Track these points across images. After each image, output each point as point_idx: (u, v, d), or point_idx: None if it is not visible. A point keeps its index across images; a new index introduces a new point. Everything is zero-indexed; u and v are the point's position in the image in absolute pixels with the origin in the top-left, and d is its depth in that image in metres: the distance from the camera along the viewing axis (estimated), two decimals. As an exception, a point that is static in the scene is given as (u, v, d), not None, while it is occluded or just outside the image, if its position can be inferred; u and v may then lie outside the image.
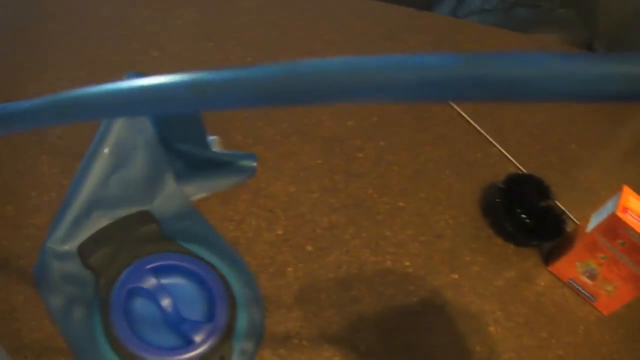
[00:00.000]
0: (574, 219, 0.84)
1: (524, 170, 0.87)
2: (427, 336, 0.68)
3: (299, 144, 0.81)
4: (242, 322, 0.64)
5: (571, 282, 0.77)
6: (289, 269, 0.69)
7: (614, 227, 0.69)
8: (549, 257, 0.79)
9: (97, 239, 0.67)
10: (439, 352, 0.67)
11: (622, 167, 0.97)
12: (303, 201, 0.75)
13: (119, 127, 0.68)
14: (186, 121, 0.72)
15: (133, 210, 0.70)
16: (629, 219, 0.69)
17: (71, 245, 0.66)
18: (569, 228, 0.80)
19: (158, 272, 0.65)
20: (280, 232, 0.72)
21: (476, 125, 0.91)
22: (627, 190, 0.72)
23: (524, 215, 0.78)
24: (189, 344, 0.60)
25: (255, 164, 0.77)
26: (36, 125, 0.32)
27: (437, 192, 0.81)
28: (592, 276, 0.75)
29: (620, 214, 0.69)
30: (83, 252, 0.66)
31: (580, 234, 0.75)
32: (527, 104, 0.98)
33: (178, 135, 0.71)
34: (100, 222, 0.68)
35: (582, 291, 0.77)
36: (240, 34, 0.94)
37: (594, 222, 0.74)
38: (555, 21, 1.27)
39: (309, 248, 0.71)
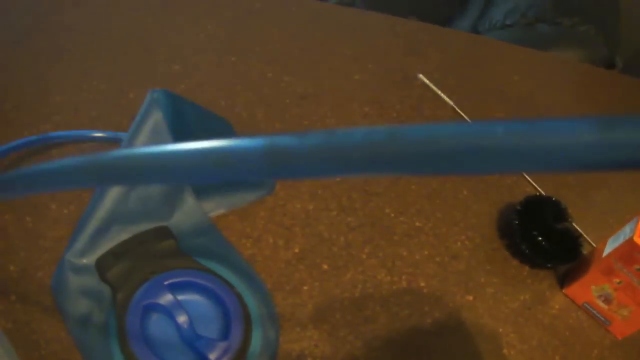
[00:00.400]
0: (591, 242, 0.84)
1: (542, 191, 0.87)
2: (440, 357, 0.68)
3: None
4: (257, 340, 0.65)
5: (586, 305, 0.77)
6: (305, 287, 0.70)
7: (631, 252, 0.69)
8: (564, 280, 0.79)
9: (115, 254, 0.68)
10: (452, 374, 0.67)
11: (640, 189, 0.97)
12: (320, 219, 0.75)
13: (140, 142, 0.69)
14: (208, 136, 0.73)
15: (152, 225, 0.71)
16: (647, 245, 0.68)
17: (89, 259, 0.67)
18: (586, 250, 0.80)
19: (175, 288, 0.65)
20: (297, 250, 0.72)
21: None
22: (645, 215, 0.72)
23: (540, 238, 0.78)
24: (204, 362, 0.61)
25: None
26: (68, 188, 0.29)
27: (455, 212, 0.81)
28: (607, 300, 0.75)
29: (637, 240, 0.68)
30: (101, 266, 0.67)
31: (596, 258, 0.75)
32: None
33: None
34: (119, 236, 0.69)
35: (597, 315, 0.76)
36: (262, 49, 0.95)
37: (610, 246, 0.73)
38: (576, 38, 1.27)
39: (325, 267, 0.72)
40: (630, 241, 0.69)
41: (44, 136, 0.74)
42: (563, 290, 0.78)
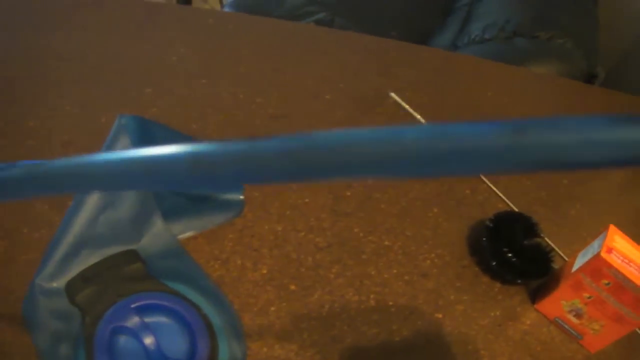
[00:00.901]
0: (564, 256, 0.84)
1: (514, 207, 0.88)
2: (408, 377, 0.68)
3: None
4: (224, 360, 0.66)
5: (558, 320, 0.77)
6: (272, 308, 0.70)
7: (599, 267, 0.70)
8: (535, 295, 0.79)
9: (84, 277, 0.68)
10: (420, 393, 0.68)
11: (615, 203, 0.97)
12: (289, 240, 0.76)
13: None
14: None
15: (120, 249, 0.71)
16: (614, 259, 0.69)
17: (59, 283, 0.68)
18: (558, 265, 0.80)
19: (142, 311, 0.66)
20: (265, 271, 0.73)
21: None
22: (612, 230, 0.73)
23: (510, 254, 0.78)
24: (170, 382, 0.62)
25: (242, 196, 0.78)
26: (17, 197, 0.29)
27: (424, 231, 0.82)
28: (578, 315, 0.75)
29: (604, 255, 0.69)
30: (70, 289, 0.67)
31: (566, 273, 0.76)
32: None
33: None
34: (88, 260, 0.70)
35: (569, 330, 0.77)
36: (234, 71, 0.96)
37: (579, 261, 0.74)
38: (554, 51, 1.28)
39: (293, 287, 0.72)
40: (597, 257, 0.69)
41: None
42: (534, 306, 0.78)
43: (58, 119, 0.82)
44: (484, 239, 0.79)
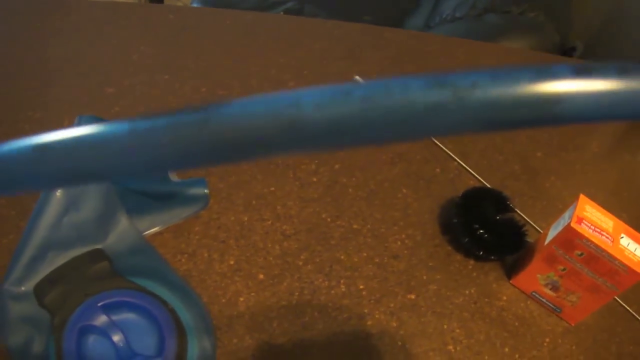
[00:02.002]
0: (539, 229, 0.83)
1: (486, 183, 0.87)
2: (382, 359, 0.68)
3: (251, 172, 0.82)
4: (193, 353, 0.65)
5: (535, 294, 0.76)
6: (241, 298, 0.70)
7: (570, 238, 0.69)
8: (510, 271, 0.79)
9: (51, 279, 0.68)
10: (393, 375, 0.67)
11: (590, 173, 0.96)
12: (255, 230, 0.75)
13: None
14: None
15: (86, 249, 0.71)
16: (585, 229, 0.68)
17: (27, 286, 0.68)
18: (531, 240, 0.80)
19: (109, 309, 0.66)
20: (232, 262, 0.72)
21: (436, 141, 0.91)
22: (583, 200, 0.72)
23: (481, 231, 0.78)
24: (139, 378, 0.62)
25: (206, 190, 0.77)
26: None
27: (393, 212, 0.81)
28: (554, 288, 0.74)
29: (574, 226, 0.68)
30: (38, 292, 0.67)
31: (539, 247, 0.75)
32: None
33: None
34: (55, 262, 0.69)
35: (547, 303, 0.76)
36: (196, 65, 0.95)
37: (552, 234, 0.73)
38: (526, 25, 1.26)
39: (261, 276, 0.72)
40: (568, 227, 0.68)
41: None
42: (510, 281, 0.78)
43: (21, 124, 0.82)
44: (455, 215, 0.78)
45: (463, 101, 0.17)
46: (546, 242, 0.73)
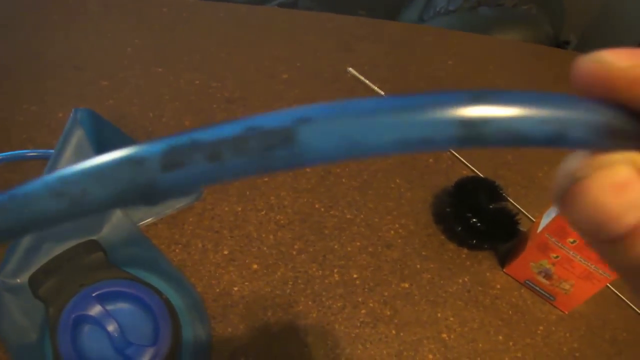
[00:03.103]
0: (532, 218, 0.84)
1: (479, 173, 0.87)
2: (376, 347, 0.68)
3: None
4: (188, 343, 0.65)
5: (528, 282, 0.77)
6: (235, 288, 0.70)
7: (562, 226, 0.69)
8: (504, 259, 0.79)
9: (46, 270, 0.68)
10: (387, 362, 0.68)
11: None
12: (249, 220, 0.76)
13: (66, 159, 0.70)
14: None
15: (81, 240, 0.71)
16: (577, 217, 0.68)
17: (22, 278, 0.68)
18: (524, 228, 0.80)
19: (103, 299, 0.66)
20: (226, 252, 0.73)
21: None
22: (575, 188, 0.72)
23: (474, 219, 0.78)
24: (134, 367, 0.62)
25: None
26: None
27: (387, 202, 0.81)
28: (547, 276, 0.75)
29: (567, 213, 0.68)
30: (33, 283, 0.67)
31: (532, 235, 0.75)
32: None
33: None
34: (50, 253, 0.70)
35: (540, 291, 0.76)
36: (190, 57, 0.95)
37: (544, 221, 0.73)
38: (519, 18, 1.27)
39: (255, 266, 0.72)
40: (560, 215, 0.69)
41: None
42: (504, 270, 0.78)
43: (16, 117, 0.82)
44: (448, 205, 0.79)
45: None
46: (539, 230, 0.73)
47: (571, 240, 0.70)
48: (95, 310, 0.66)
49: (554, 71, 1.09)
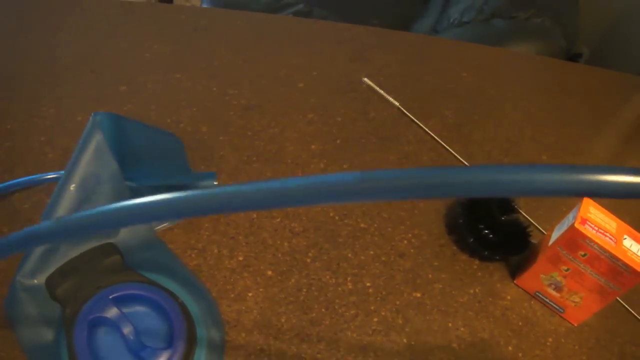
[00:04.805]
0: (543, 231, 0.84)
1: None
2: (387, 356, 0.69)
3: (262, 170, 0.83)
4: (202, 348, 0.66)
5: (538, 294, 0.77)
6: (250, 294, 0.71)
7: (574, 239, 0.70)
8: (515, 271, 0.80)
9: (63, 272, 0.69)
10: (399, 371, 0.68)
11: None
12: (264, 227, 0.77)
13: (85, 163, 0.71)
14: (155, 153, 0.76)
15: (98, 243, 0.72)
16: (588, 230, 0.69)
17: (40, 279, 0.69)
18: (535, 240, 0.81)
19: (120, 301, 0.67)
20: (241, 258, 0.73)
21: (442, 143, 0.92)
22: (586, 201, 0.73)
23: (487, 231, 0.79)
24: (149, 371, 0.63)
25: (216, 183, 0.79)
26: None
27: (400, 212, 0.82)
28: (558, 288, 0.75)
29: (578, 226, 0.69)
30: (50, 284, 0.68)
31: (543, 247, 0.76)
32: (498, 117, 0.99)
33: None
34: (67, 255, 0.71)
35: (550, 303, 0.77)
36: (207, 64, 0.96)
37: (555, 234, 0.74)
38: (532, 31, 1.28)
39: (270, 273, 0.73)
40: (572, 228, 0.69)
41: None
42: (514, 281, 0.79)
43: (35, 120, 0.83)
44: (461, 216, 0.80)
45: None
46: (550, 243, 0.74)
47: (582, 253, 0.70)
48: (112, 312, 0.66)
49: (567, 84, 1.10)
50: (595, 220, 0.71)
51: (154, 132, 0.81)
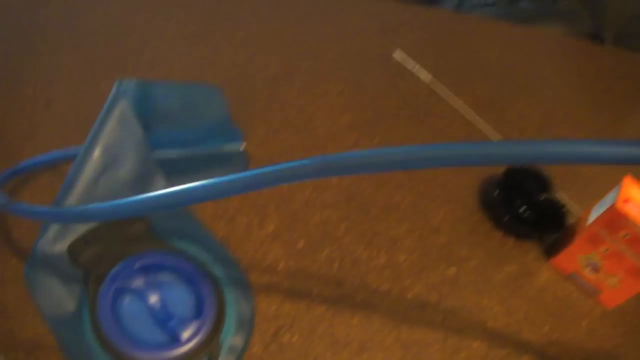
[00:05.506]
0: (577, 211, 0.82)
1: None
2: (421, 332, 0.66)
3: (291, 140, 0.81)
4: (231, 318, 0.64)
5: (574, 275, 0.75)
6: (280, 265, 0.68)
7: (615, 219, 0.67)
8: (550, 251, 0.77)
9: (86, 239, 0.67)
10: (435, 347, 0.66)
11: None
12: (295, 198, 0.74)
13: (109, 129, 0.68)
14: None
15: (123, 210, 0.70)
16: (631, 210, 0.67)
17: (61, 246, 0.66)
18: (571, 220, 0.78)
19: (146, 270, 0.64)
20: (271, 229, 0.71)
21: (476, 118, 0.89)
22: (628, 181, 0.70)
23: (523, 208, 0.77)
24: (176, 341, 0.60)
25: (242, 147, 0.76)
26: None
27: (434, 187, 0.80)
28: (595, 269, 0.73)
29: (621, 206, 0.66)
30: (73, 251, 0.65)
31: (581, 227, 0.73)
32: (531, 95, 0.97)
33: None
34: (90, 222, 0.68)
35: (586, 285, 0.75)
36: (234, 33, 0.94)
37: (595, 214, 0.72)
38: (559, 13, 1.25)
39: (301, 244, 0.70)
40: (613, 208, 0.67)
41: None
42: (549, 261, 0.76)
43: (56, 86, 0.81)
44: (497, 193, 0.77)
45: None
46: (589, 222, 0.71)
47: (623, 234, 0.68)
48: (138, 281, 0.64)
49: (595, 66, 1.07)
50: (638, 200, 0.68)
51: (186, 89, 0.77)
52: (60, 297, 0.64)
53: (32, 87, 0.80)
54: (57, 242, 0.66)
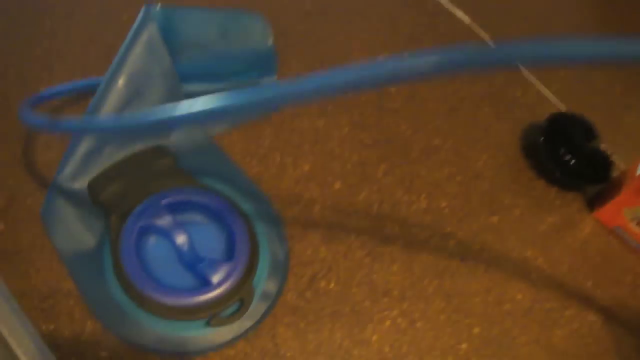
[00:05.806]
0: (622, 163, 0.78)
1: (568, 110, 0.81)
2: (464, 282, 0.63)
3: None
4: (264, 262, 0.59)
5: (618, 229, 0.71)
6: (316, 206, 0.64)
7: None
8: (594, 203, 0.73)
9: (108, 175, 0.62)
10: (478, 299, 0.62)
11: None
12: (331, 136, 0.69)
13: (135, 56, 0.63)
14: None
15: (148, 145, 0.65)
16: (685, 160, 0.63)
17: (81, 182, 0.62)
18: (617, 172, 0.74)
19: (173, 208, 0.59)
20: (306, 168, 0.66)
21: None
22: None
23: (568, 157, 0.72)
24: (206, 284, 0.55)
25: (270, 41, 0.71)
26: None
27: (475, 131, 0.75)
28: (641, 223, 0.69)
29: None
30: (93, 188, 0.61)
31: (629, 178, 0.69)
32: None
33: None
34: (112, 157, 0.63)
35: (630, 240, 0.71)
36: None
37: (646, 165, 0.68)
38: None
39: (338, 185, 0.66)
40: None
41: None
42: (593, 214, 0.72)
43: (76, 17, 0.75)
44: (541, 140, 0.73)
45: None
46: (638, 174, 0.67)
47: (675, 186, 0.64)
48: (164, 220, 0.59)
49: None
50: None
51: (225, 15, 0.71)
52: (79, 234, 0.60)
53: (50, 19, 0.74)
54: (76, 178, 0.62)
